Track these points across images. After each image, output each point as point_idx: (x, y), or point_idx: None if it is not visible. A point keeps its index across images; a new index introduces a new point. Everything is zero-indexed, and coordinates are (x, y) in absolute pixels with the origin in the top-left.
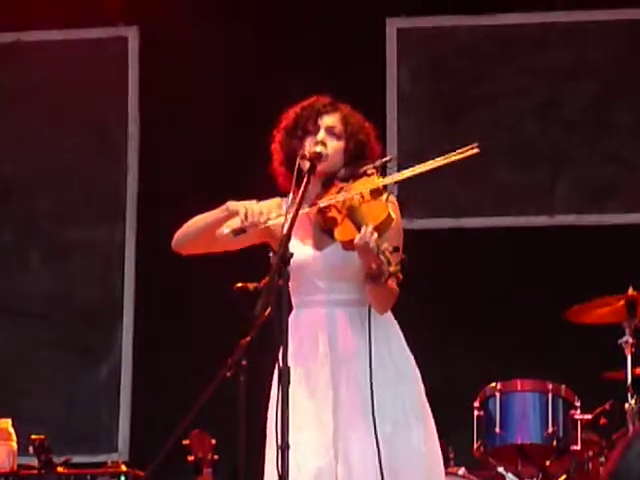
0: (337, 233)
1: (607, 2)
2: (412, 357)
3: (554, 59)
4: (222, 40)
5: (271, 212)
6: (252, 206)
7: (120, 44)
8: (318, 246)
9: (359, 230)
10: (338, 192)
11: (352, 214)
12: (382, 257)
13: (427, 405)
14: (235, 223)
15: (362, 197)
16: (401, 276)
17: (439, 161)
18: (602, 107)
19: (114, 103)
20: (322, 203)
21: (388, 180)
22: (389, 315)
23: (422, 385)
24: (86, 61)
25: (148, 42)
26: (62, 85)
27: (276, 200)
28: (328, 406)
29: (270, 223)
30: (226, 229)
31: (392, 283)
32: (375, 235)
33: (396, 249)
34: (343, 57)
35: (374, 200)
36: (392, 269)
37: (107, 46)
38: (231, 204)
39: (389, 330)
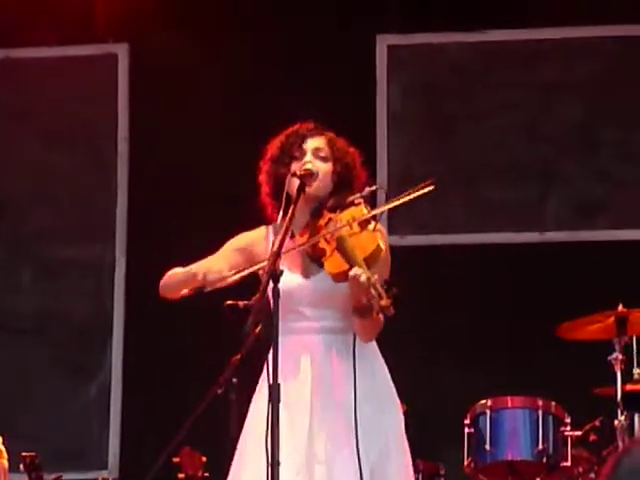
0: (327, 265)
1: (595, 19)
2: (394, 388)
3: (543, 75)
4: (214, 57)
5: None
6: (211, 266)
7: (110, 61)
8: (306, 274)
9: (348, 262)
10: (327, 223)
11: (341, 246)
12: (373, 291)
13: (405, 436)
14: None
15: (350, 228)
16: (393, 311)
17: (401, 198)
18: (591, 124)
19: (104, 120)
20: (309, 241)
21: (375, 211)
22: (373, 345)
23: (402, 417)
24: (76, 78)
25: (138, 59)
26: (52, 102)
27: (262, 230)
28: (303, 434)
29: (231, 280)
30: (185, 290)
31: (379, 316)
32: (364, 269)
33: (386, 282)
34: (333, 74)
35: (363, 230)
36: (383, 303)
37: (97, 63)
38: (183, 269)
39: (374, 360)
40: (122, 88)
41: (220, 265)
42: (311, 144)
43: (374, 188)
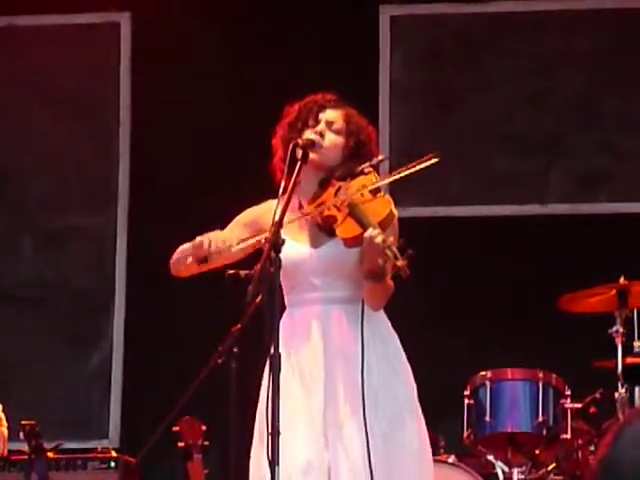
0: (339, 231)
1: None
2: (405, 357)
3: (547, 47)
4: (215, 26)
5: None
6: (216, 235)
7: (112, 30)
8: (314, 244)
9: (362, 227)
10: (336, 190)
11: (353, 211)
12: (389, 252)
13: (418, 403)
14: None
15: (362, 195)
16: (409, 271)
17: (406, 170)
18: (594, 95)
19: (106, 89)
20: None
21: (385, 180)
22: (383, 314)
23: (414, 384)
24: (78, 46)
25: (140, 28)
26: (54, 70)
27: (270, 203)
28: (319, 400)
29: (235, 249)
30: (190, 258)
31: (389, 280)
32: (380, 231)
33: (401, 244)
34: (336, 45)
35: (374, 197)
36: (400, 263)
37: (99, 31)
38: (198, 239)
39: (384, 329)
40: (124, 56)
41: (226, 237)
42: (327, 115)
43: (382, 158)
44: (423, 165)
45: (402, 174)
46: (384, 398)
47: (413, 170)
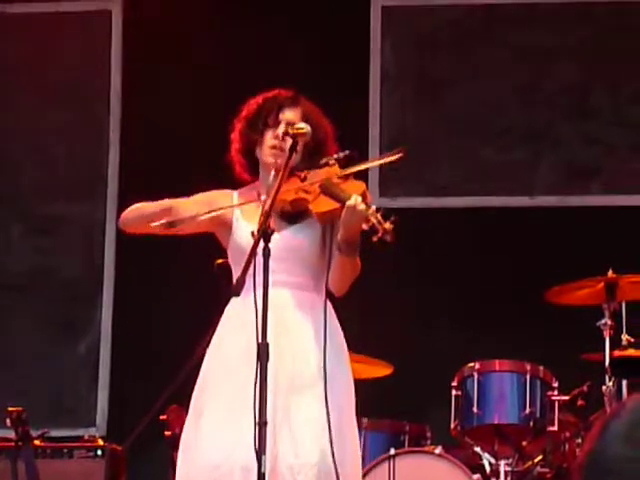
0: (314, 207)
1: None
2: (346, 349)
3: (537, 38)
4: (206, 14)
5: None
6: (185, 203)
7: (104, 17)
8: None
9: (339, 200)
10: (303, 178)
11: (327, 189)
12: (372, 218)
13: (354, 396)
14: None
15: (331, 179)
16: (394, 236)
17: (370, 162)
18: (584, 88)
19: (97, 77)
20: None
21: (349, 170)
22: (330, 306)
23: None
24: (70, 34)
25: (132, 15)
26: (45, 58)
27: (228, 191)
28: (268, 382)
29: (201, 218)
30: (156, 222)
31: (357, 261)
32: (362, 199)
33: (383, 212)
34: (327, 34)
35: (345, 181)
36: (387, 226)
37: (91, 19)
38: (166, 200)
39: (334, 320)
40: (115, 44)
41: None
42: (287, 115)
43: (347, 153)
44: (389, 159)
45: (367, 165)
46: (331, 386)
47: (378, 163)
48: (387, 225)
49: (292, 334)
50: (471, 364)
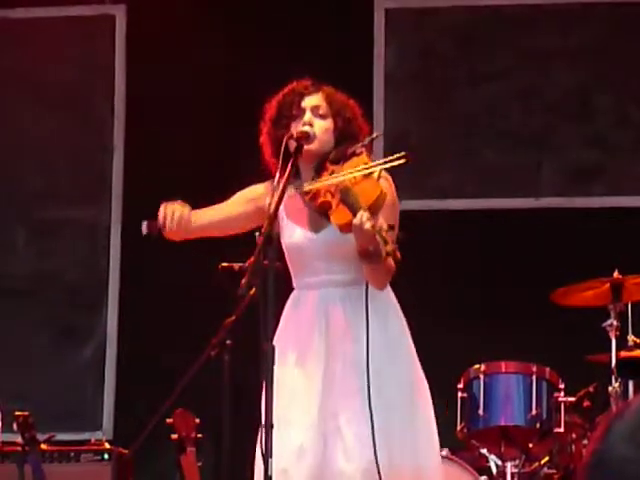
0: (333, 218)
1: None
2: (408, 338)
3: (540, 41)
4: (210, 18)
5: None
6: (179, 208)
7: (108, 22)
8: (314, 228)
9: (353, 212)
10: (330, 175)
11: (345, 196)
12: (378, 237)
13: (421, 382)
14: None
15: (354, 178)
16: (399, 254)
17: (373, 165)
18: (586, 89)
19: (101, 82)
20: (308, 186)
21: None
22: (387, 294)
23: (417, 364)
24: (74, 39)
25: (136, 20)
26: (49, 62)
27: (266, 185)
28: (317, 385)
29: (194, 226)
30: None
31: (389, 261)
32: (368, 216)
33: (391, 227)
34: (331, 38)
35: (365, 179)
36: (388, 248)
37: (95, 24)
38: (161, 208)
39: (387, 311)
40: (119, 49)
41: (218, 215)
42: (309, 102)
43: (375, 136)
44: (392, 163)
45: (371, 169)
46: (382, 381)
47: (383, 167)
48: (389, 247)
49: (341, 335)
50: (477, 366)
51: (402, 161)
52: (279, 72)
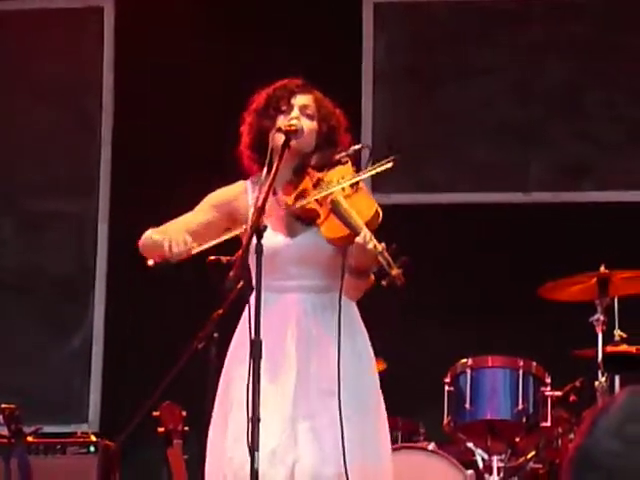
0: (324, 230)
1: None
2: (371, 348)
3: (531, 36)
4: (199, 10)
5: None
6: (177, 236)
7: (96, 15)
8: (290, 233)
9: (349, 228)
10: (315, 182)
11: (338, 210)
12: (382, 259)
13: (381, 394)
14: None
15: (343, 190)
16: (404, 279)
17: (367, 171)
18: (577, 85)
19: (89, 74)
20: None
21: (361, 176)
22: (354, 306)
23: (377, 377)
24: (62, 31)
25: (124, 13)
26: (37, 55)
27: (240, 185)
28: (290, 390)
29: (195, 251)
30: (150, 261)
31: (372, 277)
32: (371, 236)
33: (394, 250)
34: (319, 32)
35: (355, 193)
36: (394, 272)
37: (83, 17)
38: (155, 236)
39: (355, 322)
40: (108, 42)
41: (190, 227)
42: (299, 100)
43: (359, 147)
44: (382, 167)
45: (363, 177)
46: (352, 388)
47: (372, 173)
48: (395, 271)
49: (313, 339)
50: (464, 360)
51: (390, 165)
52: (267, 66)
